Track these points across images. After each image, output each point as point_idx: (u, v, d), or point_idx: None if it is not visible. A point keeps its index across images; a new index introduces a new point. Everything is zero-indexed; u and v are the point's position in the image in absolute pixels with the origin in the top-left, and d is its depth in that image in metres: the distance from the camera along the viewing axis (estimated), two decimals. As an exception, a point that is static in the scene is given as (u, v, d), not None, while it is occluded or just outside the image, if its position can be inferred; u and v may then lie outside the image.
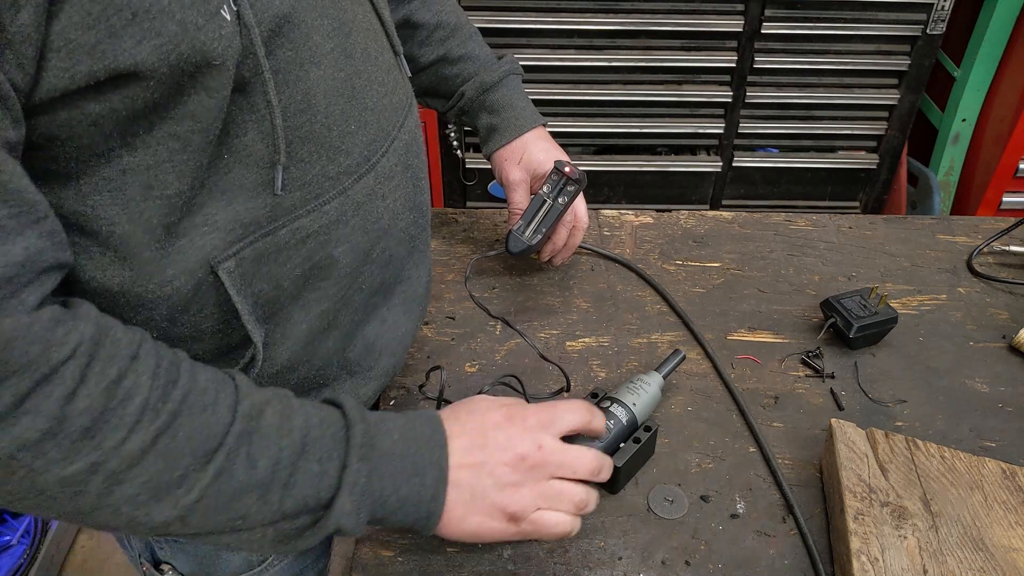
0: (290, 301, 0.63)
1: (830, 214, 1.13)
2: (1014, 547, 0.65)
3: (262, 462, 0.52)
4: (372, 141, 0.64)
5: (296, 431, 0.55)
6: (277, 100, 0.54)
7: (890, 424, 0.82)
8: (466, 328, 0.93)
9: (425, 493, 0.58)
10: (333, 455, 0.55)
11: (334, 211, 0.62)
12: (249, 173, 0.56)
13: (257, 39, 0.51)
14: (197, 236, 0.55)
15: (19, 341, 0.44)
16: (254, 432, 0.53)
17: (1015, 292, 0.99)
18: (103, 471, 0.47)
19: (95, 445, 0.47)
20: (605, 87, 1.90)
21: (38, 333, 0.45)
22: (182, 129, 0.50)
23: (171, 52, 0.46)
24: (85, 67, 0.44)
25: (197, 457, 0.50)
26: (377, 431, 0.58)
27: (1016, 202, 1.96)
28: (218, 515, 0.52)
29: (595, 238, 1.08)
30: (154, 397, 0.49)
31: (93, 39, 0.43)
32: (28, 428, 0.44)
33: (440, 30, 0.91)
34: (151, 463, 0.49)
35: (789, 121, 1.98)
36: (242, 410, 0.53)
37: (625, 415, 0.74)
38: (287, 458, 0.53)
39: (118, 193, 0.51)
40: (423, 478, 0.58)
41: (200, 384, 0.52)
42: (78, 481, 0.47)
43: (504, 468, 0.60)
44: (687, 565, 0.69)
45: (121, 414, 0.48)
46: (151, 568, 0.77)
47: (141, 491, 0.49)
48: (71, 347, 0.46)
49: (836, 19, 1.81)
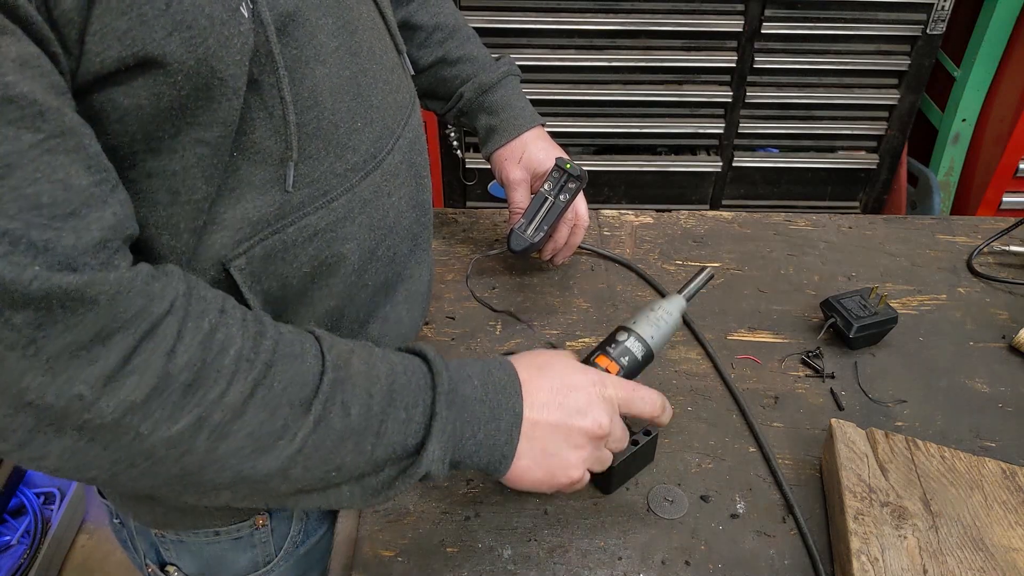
0: (298, 299, 0.63)
1: (830, 214, 1.13)
2: (1014, 547, 0.65)
3: (355, 409, 0.53)
4: (378, 138, 0.65)
5: (383, 379, 0.56)
6: (291, 97, 0.55)
7: (890, 424, 0.82)
8: (466, 328, 0.93)
9: (500, 437, 0.60)
10: (419, 402, 0.57)
11: (341, 208, 0.62)
12: (258, 171, 0.56)
13: (272, 36, 0.52)
14: (206, 235, 0.55)
15: (124, 295, 0.44)
16: (345, 380, 0.54)
17: (1015, 292, 0.99)
18: (208, 425, 0.48)
19: (198, 400, 0.47)
20: (605, 87, 1.90)
21: (140, 287, 0.45)
22: (211, 135, 0.50)
23: (199, 45, 0.46)
24: (115, 52, 0.44)
25: (295, 406, 0.51)
26: (459, 377, 0.60)
27: (1016, 202, 1.96)
28: (317, 466, 0.52)
29: (595, 238, 1.08)
30: (247, 348, 0.50)
31: (125, 25, 0.43)
32: (134, 388, 0.45)
33: (438, 32, 0.91)
34: (253, 414, 0.49)
35: (789, 121, 1.98)
36: (331, 359, 0.54)
37: (641, 350, 0.71)
38: (377, 405, 0.54)
39: (145, 197, 0.51)
40: (499, 423, 0.60)
41: (286, 336, 0.53)
42: (185, 439, 0.47)
43: (579, 432, 0.62)
44: (687, 565, 0.69)
45: (219, 366, 0.48)
46: (156, 569, 0.77)
47: (246, 443, 0.49)
48: (168, 301, 0.47)
49: (836, 19, 1.81)
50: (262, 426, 0.50)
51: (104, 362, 0.44)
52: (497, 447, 0.60)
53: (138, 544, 0.78)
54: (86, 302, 0.42)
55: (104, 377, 0.44)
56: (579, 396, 0.63)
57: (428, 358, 0.60)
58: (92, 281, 0.42)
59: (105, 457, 0.46)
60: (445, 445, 0.57)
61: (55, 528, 1.70)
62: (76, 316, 0.42)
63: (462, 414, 0.58)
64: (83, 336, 0.43)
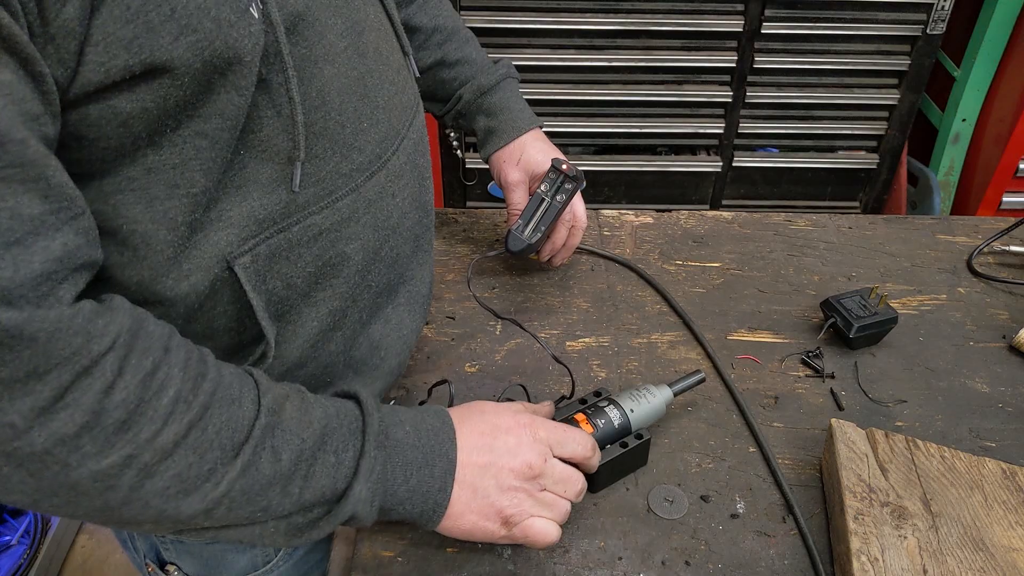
0: (301, 299, 0.63)
1: (830, 214, 1.13)
2: (1014, 547, 0.65)
3: (285, 455, 0.53)
4: (383, 139, 0.65)
5: (316, 423, 0.56)
6: (300, 97, 0.55)
7: (890, 424, 0.82)
8: (466, 328, 0.93)
9: (434, 484, 0.59)
10: (349, 444, 0.57)
11: (346, 208, 0.62)
12: (265, 169, 0.56)
13: (282, 36, 0.52)
14: (211, 232, 0.55)
15: (63, 332, 0.44)
16: (277, 426, 0.54)
17: (1015, 292, 0.99)
18: (136, 464, 0.47)
19: (130, 438, 0.47)
20: (605, 87, 1.90)
21: (80, 325, 0.45)
22: (210, 127, 0.50)
23: (205, 48, 0.47)
24: (121, 61, 0.44)
25: (226, 450, 0.51)
26: (391, 421, 0.60)
27: (1016, 202, 1.96)
28: (243, 508, 0.52)
29: (595, 238, 1.08)
30: (186, 389, 0.50)
31: (131, 33, 0.43)
32: (66, 422, 0.44)
33: (437, 34, 0.92)
34: (183, 456, 0.49)
35: (789, 121, 1.98)
36: (265, 404, 0.54)
37: (618, 418, 0.73)
38: (308, 450, 0.54)
39: (142, 192, 0.51)
40: (432, 469, 0.59)
41: (226, 378, 0.53)
42: (111, 475, 0.47)
43: (509, 473, 0.62)
44: (687, 565, 0.69)
45: (156, 406, 0.48)
46: (156, 569, 0.77)
47: (172, 484, 0.49)
48: (111, 339, 0.46)
49: (836, 19, 1.81)
50: (190, 468, 0.49)
51: (38, 396, 0.43)
52: (430, 495, 0.59)
53: (138, 544, 0.77)
54: (24, 339, 0.42)
55: (38, 409, 0.44)
56: (509, 438, 0.63)
57: (360, 400, 0.60)
58: (31, 319, 0.42)
59: (30, 484, 0.46)
60: (373, 487, 0.56)
61: (55, 528, 1.70)
62: (12, 352, 0.42)
63: (392, 457, 0.58)
64: (18, 371, 0.42)
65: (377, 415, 0.59)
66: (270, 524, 0.55)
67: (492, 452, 0.62)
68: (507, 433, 0.63)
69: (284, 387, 0.58)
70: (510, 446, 0.62)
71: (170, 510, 0.50)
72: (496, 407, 0.66)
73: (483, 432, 0.63)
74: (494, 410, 0.65)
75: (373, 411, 0.59)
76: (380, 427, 0.58)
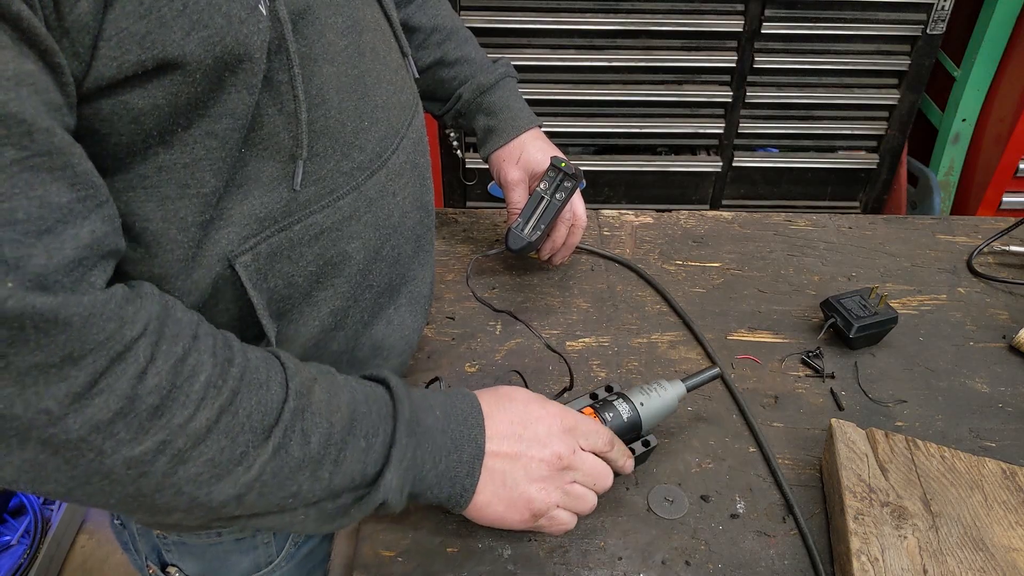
0: (303, 298, 0.63)
1: (830, 214, 1.13)
2: (1014, 547, 0.65)
3: (314, 438, 0.53)
4: (383, 138, 0.65)
5: (344, 407, 0.56)
6: (304, 95, 0.55)
7: (890, 424, 0.82)
8: (466, 328, 0.93)
9: (462, 469, 0.60)
10: (379, 430, 0.57)
11: (347, 207, 0.62)
12: (267, 167, 0.56)
13: (289, 33, 0.52)
14: (213, 230, 0.55)
15: (97, 317, 0.44)
16: (306, 408, 0.54)
17: (1015, 292, 0.99)
18: (170, 450, 0.48)
19: (163, 424, 0.47)
20: (605, 87, 1.90)
21: (113, 310, 0.45)
22: (220, 127, 0.51)
23: (216, 44, 0.47)
24: (134, 56, 0.44)
25: (256, 434, 0.51)
26: (420, 406, 0.60)
27: (1016, 202, 1.96)
28: (273, 494, 0.53)
29: (595, 238, 1.08)
30: (215, 375, 0.50)
31: (144, 29, 0.44)
32: (101, 408, 0.44)
33: (436, 33, 0.92)
34: (215, 441, 0.49)
35: (789, 121, 1.98)
36: (293, 387, 0.54)
37: (627, 412, 0.72)
38: (338, 434, 0.54)
39: (154, 190, 0.51)
40: (460, 454, 0.60)
41: (252, 362, 0.53)
42: (145, 461, 0.47)
43: (539, 463, 0.62)
44: (687, 565, 0.69)
45: (188, 391, 0.48)
46: (158, 571, 0.77)
47: (204, 469, 0.49)
48: (142, 324, 0.47)
49: (836, 19, 1.81)
50: (222, 452, 0.50)
51: (73, 381, 0.43)
52: (458, 479, 0.60)
53: (140, 546, 0.77)
54: (59, 324, 0.42)
55: (73, 395, 0.44)
56: (539, 427, 0.63)
57: (390, 385, 0.60)
58: (65, 303, 0.42)
59: (65, 472, 0.46)
60: (404, 475, 0.57)
61: (55, 528, 1.70)
62: (48, 337, 0.42)
63: (423, 444, 0.58)
64: (54, 356, 0.43)
65: (408, 402, 0.58)
66: (300, 511, 0.55)
67: (522, 441, 0.62)
68: (537, 422, 0.63)
69: (312, 368, 0.58)
70: (540, 436, 0.62)
71: (202, 496, 0.50)
72: (526, 394, 0.66)
73: (513, 421, 0.63)
74: (524, 398, 0.65)
75: (404, 397, 0.59)
76: (411, 414, 0.58)
